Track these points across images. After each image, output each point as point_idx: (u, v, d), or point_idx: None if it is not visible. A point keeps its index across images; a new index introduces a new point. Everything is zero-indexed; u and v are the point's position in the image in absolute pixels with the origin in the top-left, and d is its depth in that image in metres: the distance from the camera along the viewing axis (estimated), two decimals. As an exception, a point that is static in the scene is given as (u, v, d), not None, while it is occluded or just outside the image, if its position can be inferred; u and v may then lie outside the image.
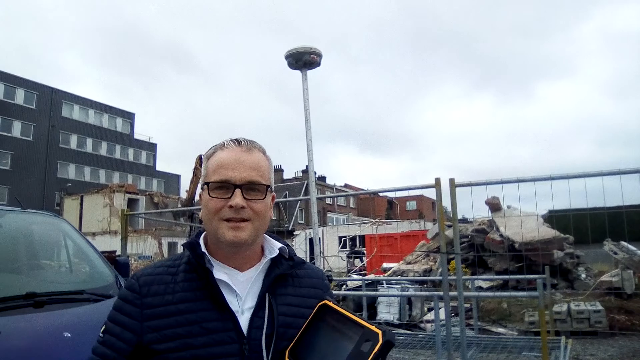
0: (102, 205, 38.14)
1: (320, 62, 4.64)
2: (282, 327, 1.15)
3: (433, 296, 5.63)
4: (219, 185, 1.18)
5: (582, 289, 10.56)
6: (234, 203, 1.15)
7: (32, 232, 3.88)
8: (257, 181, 1.19)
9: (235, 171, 1.17)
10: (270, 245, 1.28)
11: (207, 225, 1.21)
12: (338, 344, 1.03)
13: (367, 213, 52.24)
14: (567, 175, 4.47)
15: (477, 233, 12.77)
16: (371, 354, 0.95)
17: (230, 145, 1.23)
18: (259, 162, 1.22)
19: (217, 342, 1.10)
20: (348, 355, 0.98)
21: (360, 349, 0.97)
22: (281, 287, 1.23)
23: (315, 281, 1.31)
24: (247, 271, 1.22)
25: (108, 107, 51.42)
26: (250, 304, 1.17)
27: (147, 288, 1.17)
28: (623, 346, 7.48)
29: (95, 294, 3.17)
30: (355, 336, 1.00)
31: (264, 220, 1.21)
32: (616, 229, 8.30)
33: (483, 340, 6.62)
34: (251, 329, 1.13)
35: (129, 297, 1.18)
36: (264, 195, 1.20)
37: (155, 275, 1.20)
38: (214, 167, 1.21)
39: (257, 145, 1.25)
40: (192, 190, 23.99)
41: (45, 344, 2.53)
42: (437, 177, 4.49)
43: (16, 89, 42.77)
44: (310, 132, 4.73)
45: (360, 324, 1.02)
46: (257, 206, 1.18)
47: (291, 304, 1.21)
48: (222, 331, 1.11)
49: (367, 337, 0.98)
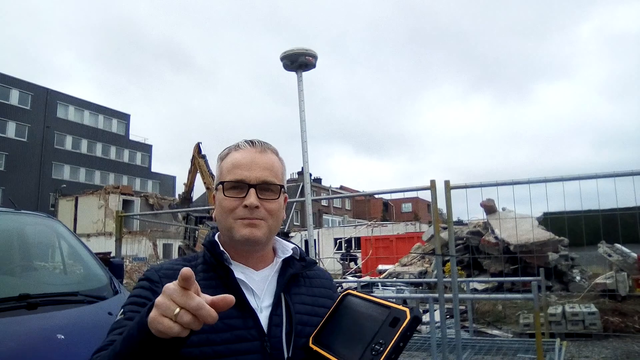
0: (97, 207, 38.03)
1: (316, 64, 4.64)
2: (300, 324, 1.17)
3: (428, 298, 5.63)
4: (234, 185, 1.20)
5: (577, 291, 10.61)
6: (249, 202, 1.17)
7: (26, 233, 3.86)
8: (271, 181, 1.21)
9: (249, 171, 1.20)
10: (283, 246, 1.31)
11: (221, 224, 1.22)
12: (364, 325, 1.05)
13: (362, 215, 52.26)
14: (561, 177, 4.48)
15: (472, 235, 12.81)
16: (400, 329, 0.97)
17: (244, 146, 1.25)
18: (272, 162, 1.24)
19: (239, 339, 1.11)
20: (376, 333, 1.00)
21: (389, 326, 0.99)
22: (295, 286, 1.25)
23: (325, 282, 1.35)
24: (262, 270, 1.24)
25: (103, 108, 51.30)
26: (267, 302, 1.19)
27: (168, 281, 1.16)
28: (617, 348, 7.50)
29: (89, 295, 3.16)
30: (381, 317, 1.03)
31: (277, 220, 1.23)
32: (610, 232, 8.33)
33: (478, 342, 6.63)
34: (271, 327, 1.15)
35: (147, 285, 1.18)
36: (277, 195, 1.22)
37: (175, 270, 1.19)
38: (228, 167, 1.23)
39: (270, 147, 1.28)
40: (191, 181, 23.79)
41: (39, 346, 2.51)
42: (432, 179, 4.50)
43: (11, 89, 42.58)
44: (306, 134, 4.73)
45: (387, 305, 1.05)
46: (271, 206, 1.20)
47: (305, 302, 1.23)
48: (243, 328, 1.12)
49: (394, 316, 1.00)
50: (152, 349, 0.88)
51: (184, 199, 24.31)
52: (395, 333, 0.97)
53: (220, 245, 1.22)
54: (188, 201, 24.38)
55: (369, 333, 1.02)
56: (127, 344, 0.92)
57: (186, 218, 19.20)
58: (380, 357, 0.95)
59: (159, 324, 0.83)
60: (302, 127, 4.74)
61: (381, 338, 0.98)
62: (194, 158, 22.89)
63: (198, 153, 22.58)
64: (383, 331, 1.00)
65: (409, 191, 5.34)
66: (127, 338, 0.92)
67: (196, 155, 22.65)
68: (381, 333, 0.99)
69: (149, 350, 0.88)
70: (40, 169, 43.91)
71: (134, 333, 0.90)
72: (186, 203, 23.93)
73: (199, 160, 22.34)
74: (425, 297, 6.61)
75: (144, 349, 0.88)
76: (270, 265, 1.26)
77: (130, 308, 1.14)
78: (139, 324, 0.90)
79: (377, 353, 0.96)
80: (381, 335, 0.99)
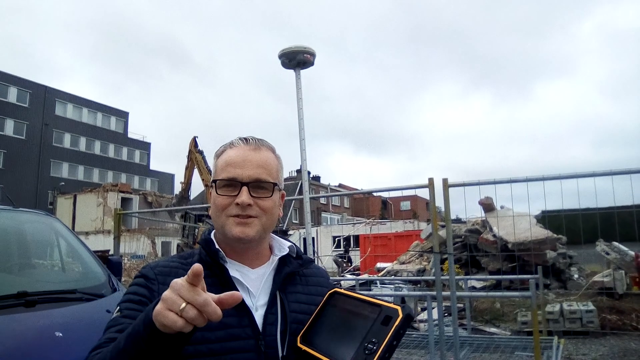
0: (96, 205, 38.03)
1: (314, 62, 4.64)
2: (295, 323, 1.18)
3: (426, 296, 5.64)
4: (227, 183, 1.20)
5: (575, 289, 10.63)
6: (240, 201, 1.17)
7: (24, 231, 3.86)
8: (264, 179, 1.21)
9: (242, 169, 1.20)
10: (279, 244, 1.31)
11: (215, 222, 1.23)
12: (354, 324, 1.04)
13: (361, 213, 52.28)
14: (559, 175, 4.49)
15: (470, 233, 12.83)
16: (393, 327, 0.96)
17: (238, 144, 1.25)
18: (266, 160, 1.24)
19: (234, 337, 1.11)
20: (368, 332, 0.99)
21: (381, 324, 0.98)
22: (291, 285, 1.26)
23: (321, 280, 1.35)
24: (258, 268, 1.24)
25: (102, 105, 51.17)
26: (262, 301, 1.19)
27: (164, 278, 1.17)
28: (614, 346, 7.53)
29: (88, 293, 3.16)
30: (372, 315, 1.01)
31: (272, 217, 1.23)
32: (608, 230, 8.36)
33: (476, 340, 6.64)
34: (266, 325, 1.15)
35: (143, 283, 1.18)
36: (271, 193, 1.22)
37: (171, 268, 1.21)
38: (222, 165, 1.23)
39: (266, 144, 1.28)
40: (188, 177, 23.13)
41: (37, 344, 2.52)
42: (430, 177, 4.51)
43: (9, 87, 42.47)
44: (304, 132, 4.73)
45: (377, 304, 1.03)
46: (264, 204, 1.20)
47: (301, 301, 1.24)
48: (238, 327, 1.12)
49: (386, 314, 0.99)
50: (156, 345, 0.88)
51: (182, 197, 23.97)
52: (388, 331, 0.96)
53: (215, 244, 1.22)
54: (186, 200, 24.11)
55: (360, 332, 1.00)
56: (132, 339, 0.92)
57: (185, 216, 19.06)
58: (374, 356, 0.94)
59: (164, 318, 0.84)
60: (300, 125, 4.74)
61: (374, 337, 0.97)
62: (190, 153, 22.17)
63: (195, 147, 21.98)
64: (375, 330, 0.98)
65: (407, 189, 5.35)
66: (132, 333, 0.93)
67: (193, 150, 21.93)
68: (373, 332, 0.98)
69: (153, 345, 0.88)
70: (38, 167, 43.84)
71: (140, 328, 0.90)
72: (184, 202, 23.64)
73: (196, 155, 21.65)
74: (424, 295, 6.62)
75: (149, 345, 0.89)
76: (266, 263, 1.26)
77: (126, 305, 1.15)
78: (145, 318, 0.90)
79: (370, 352, 0.95)
80: (373, 334, 0.98)
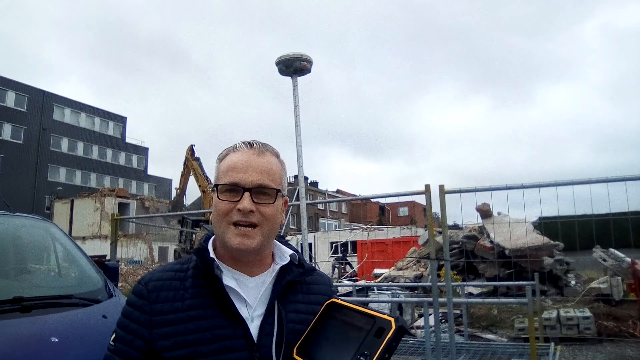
0: (93, 210, 37.91)
1: (311, 69, 4.67)
2: (292, 334, 1.15)
3: (423, 302, 5.64)
4: (229, 188, 1.17)
5: (572, 296, 10.63)
6: (242, 207, 1.14)
7: (20, 235, 3.86)
8: (267, 185, 1.17)
9: (245, 174, 1.16)
10: (281, 251, 1.27)
11: (216, 228, 1.20)
12: (349, 335, 1.03)
13: (359, 219, 52.26)
14: (555, 182, 4.52)
15: (467, 239, 12.82)
16: (385, 340, 0.96)
17: (242, 148, 1.21)
18: (270, 165, 1.21)
19: (228, 349, 1.09)
20: (360, 344, 0.99)
21: (374, 336, 0.98)
22: (291, 294, 1.22)
23: (323, 288, 1.31)
24: (257, 277, 1.21)
25: (100, 110, 51.18)
26: (260, 311, 1.16)
27: (156, 294, 1.16)
28: (611, 352, 7.53)
29: (84, 298, 3.15)
30: (366, 327, 1.01)
31: (274, 225, 1.20)
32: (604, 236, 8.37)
33: (473, 346, 6.64)
34: (261, 336, 1.13)
35: (138, 304, 1.17)
36: (273, 199, 1.18)
37: (164, 281, 1.19)
38: (224, 169, 1.20)
39: (270, 149, 1.24)
40: (183, 185, 23.32)
41: (32, 349, 2.51)
42: (427, 184, 4.53)
43: (7, 91, 42.45)
44: (300, 138, 4.75)
45: (372, 315, 1.03)
46: (267, 210, 1.17)
47: (300, 311, 1.20)
48: (232, 338, 1.10)
49: (379, 326, 0.99)
50: None
51: (177, 202, 24.10)
52: (380, 344, 0.96)
53: (210, 252, 1.20)
54: (181, 205, 24.19)
55: (353, 343, 1.00)
56: None
57: (182, 221, 19.08)
58: None
59: None
60: (296, 132, 4.76)
61: (366, 349, 0.97)
62: (187, 161, 22.47)
63: (191, 155, 22.24)
64: (368, 342, 0.98)
65: (404, 195, 5.37)
66: None
67: (189, 158, 22.24)
68: (366, 344, 0.98)
69: None
70: (36, 172, 43.74)
71: None
72: (179, 207, 23.72)
73: (193, 163, 21.96)
74: (420, 301, 6.62)
75: None
76: (267, 271, 1.23)
77: (121, 339, 1.16)
78: None
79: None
80: (366, 346, 0.97)
